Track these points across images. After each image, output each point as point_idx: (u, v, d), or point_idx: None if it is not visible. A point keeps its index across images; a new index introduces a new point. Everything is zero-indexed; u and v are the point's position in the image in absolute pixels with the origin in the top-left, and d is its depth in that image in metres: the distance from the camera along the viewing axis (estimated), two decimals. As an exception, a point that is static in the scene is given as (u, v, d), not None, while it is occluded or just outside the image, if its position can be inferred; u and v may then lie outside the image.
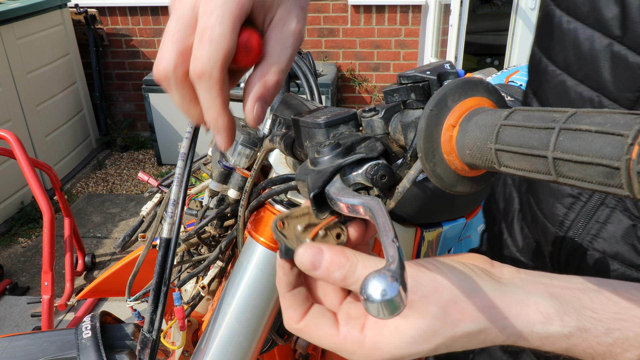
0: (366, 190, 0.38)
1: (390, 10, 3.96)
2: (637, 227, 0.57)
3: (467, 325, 0.38)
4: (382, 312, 0.26)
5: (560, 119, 0.26)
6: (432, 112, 0.33)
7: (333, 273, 0.38)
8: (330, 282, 0.39)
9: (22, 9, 3.13)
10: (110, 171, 4.00)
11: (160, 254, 0.57)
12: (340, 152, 0.38)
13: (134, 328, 0.85)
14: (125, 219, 3.29)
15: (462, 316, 0.38)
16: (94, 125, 4.14)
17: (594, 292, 0.40)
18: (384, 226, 0.30)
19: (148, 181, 0.80)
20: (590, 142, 0.24)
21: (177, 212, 0.56)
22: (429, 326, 0.38)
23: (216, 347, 0.59)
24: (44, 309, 2.10)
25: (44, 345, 0.77)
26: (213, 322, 0.60)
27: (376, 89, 4.25)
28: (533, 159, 0.28)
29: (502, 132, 0.29)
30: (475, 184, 0.36)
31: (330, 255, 0.38)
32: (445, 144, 0.33)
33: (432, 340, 0.38)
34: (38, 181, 2.11)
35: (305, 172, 0.40)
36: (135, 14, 4.05)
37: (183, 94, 0.41)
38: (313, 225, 0.40)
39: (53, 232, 2.12)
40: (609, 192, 0.24)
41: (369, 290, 0.26)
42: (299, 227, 0.40)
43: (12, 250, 2.98)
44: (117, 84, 4.33)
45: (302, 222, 0.40)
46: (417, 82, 0.37)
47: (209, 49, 0.37)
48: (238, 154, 0.66)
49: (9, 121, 3.08)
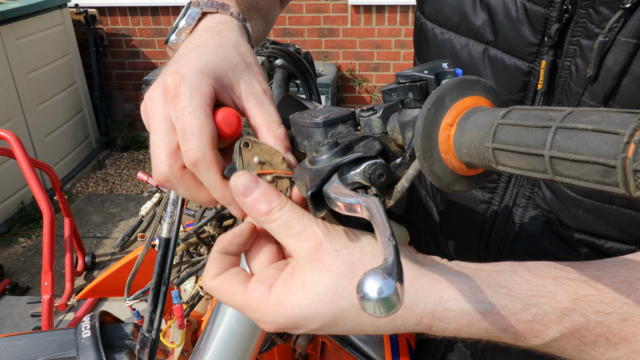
0: (364, 189, 0.38)
1: (390, 10, 3.96)
2: (551, 222, 0.59)
3: None
4: (378, 310, 0.26)
5: (557, 117, 0.27)
6: (430, 111, 0.33)
7: (260, 204, 0.38)
8: (254, 216, 0.39)
9: (22, 9, 3.13)
10: (110, 171, 4.00)
11: (160, 253, 0.57)
12: (339, 151, 0.38)
13: (134, 328, 0.85)
14: (125, 219, 3.29)
15: None
16: (94, 125, 4.14)
17: (507, 273, 0.40)
18: (381, 225, 0.30)
19: (148, 181, 0.80)
20: (587, 140, 0.24)
21: (177, 212, 0.56)
22: (334, 284, 0.37)
23: (215, 346, 0.59)
24: (44, 309, 2.10)
25: (43, 345, 0.77)
26: (212, 321, 0.60)
27: (376, 89, 4.26)
28: (530, 158, 0.28)
29: (499, 131, 0.30)
30: (473, 183, 0.36)
31: (265, 188, 0.39)
32: (443, 143, 0.33)
33: (337, 302, 0.38)
34: (38, 181, 2.11)
35: (303, 170, 0.40)
36: (135, 14, 4.05)
37: (187, 186, 0.44)
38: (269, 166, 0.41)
39: (53, 232, 2.12)
40: (606, 190, 0.25)
41: (366, 288, 0.26)
42: (256, 159, 0.41)
43: (12, 250, 2.98)
44: (117, 84, 4.33)
45: (262, 157, 0.42)
46: (415, 81, 0.37)
47: (193, 139, 0.41)
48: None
49: (9, 121, 3.08)
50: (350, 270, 0.38)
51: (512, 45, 0.55)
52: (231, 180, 0.39)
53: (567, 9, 0.50)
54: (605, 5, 0.47)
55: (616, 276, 0.39)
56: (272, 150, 0.43)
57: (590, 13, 0.49)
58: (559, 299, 0.38)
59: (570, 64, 0.52)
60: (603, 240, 0.56)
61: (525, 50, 0.54)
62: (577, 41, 0.51)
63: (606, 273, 0.40)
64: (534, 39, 0.53)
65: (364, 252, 0.39)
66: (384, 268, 0.27)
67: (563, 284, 0.39)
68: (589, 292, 0.38)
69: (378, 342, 0.78)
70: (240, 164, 0.41)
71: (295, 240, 0.38)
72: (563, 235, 0.59)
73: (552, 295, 0.38)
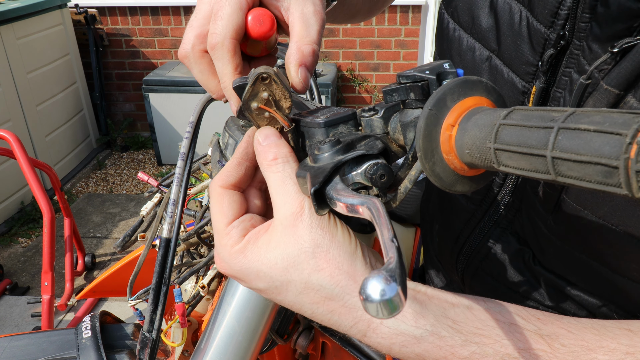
0: (366, 190, 0.38)
1: (390, 10, 3.96)
2: (524, 252, 0.57)
3: (324, 278, 0.38)
4: (380, 312, 0.26)
5: (559, 118, 0.27)
6: (431, 112, 0.33)
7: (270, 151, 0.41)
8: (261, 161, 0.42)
9: (22, 9, 3.13)
10: (110, 171, 4.00)
11: (160, 253, 0.57)
12: (341, 148, 0.38)
13: (134, 328, 0.85)
14: (125, 219, 3.29)
15: (325, 267, 0.38)
16: (94, 125, 4.14)
17: (462, 308, 0.40)
18: (383, 226, 0.30)
19: (148, 181, 0.80)
20: (589, 141, 0.24)
21: (177, 212, 0.56)
22: (293, 255, 0.38)
23: (216, 346, 0.59)
24: (44, 309, 2.10)
25: (43, 345, 0.77)
26: (213, 321, 0.60)
27: (376, 89, 4.26)
28: (532, 158, 0.28)
29: (501, 132, 0.30)
30: (475, 184, 0.36)
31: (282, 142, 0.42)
32: (445, 143, 0.33)
33: (289, 272, 0.39)
34: (38, 181, 2.11)
35: (305, 168, 0.40)
36: (135, 14, 4.05)
37: (201, 68, 0.47)
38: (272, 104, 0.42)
39: (53, 232, 2.12)
40: (608, 191, 0.25)
41: (368, 290, 0.26)
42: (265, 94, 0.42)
43: (12, 250, 2.98)
44: (117, 84, 4.33)
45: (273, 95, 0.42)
46: (416, 82, 0.37)
47: (220, 23, 0.44)
48: (238, 153, 0.66)
49: (9, 121, 3.08)
50: (312, 250, 0.38)
51: (512, 59, 0.53)
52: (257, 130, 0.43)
53: (564, 35, 0.47)
54: (597, 42, 0.44)
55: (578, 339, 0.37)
56: (285, 93, 0.42)
57: (584, 47, 0.46)
58: (504, 344, 0.37)
59: (561, 95, 0.49)
60: (571, 286, 0.54)
61: (523, 68, 0.52)
62: (569, 73, 0.48)
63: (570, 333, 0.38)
64: (532, 58, 0.51)
65: (333, 240, 0.39)
66: (387, 270, 0.27)
67: (516, 332, 0.38)
68: (540, 347, 0.37)
69: (379, 343, 0.78)
70: (248, 90, 0.41)
71: (282, 198, 0.40)
72: (532, 270, 0.57)
73: (499, 339, 0.37)
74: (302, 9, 0.46)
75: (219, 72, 0.45)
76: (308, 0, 0.47)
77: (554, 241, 0.52)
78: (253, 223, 0.43)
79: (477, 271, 0.63)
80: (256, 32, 0.45)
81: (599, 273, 0.49)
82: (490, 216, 0.60)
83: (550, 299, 0.56)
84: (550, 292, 0.56)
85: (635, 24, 0.41)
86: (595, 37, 0.44)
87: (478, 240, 0.62)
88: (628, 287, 0.48)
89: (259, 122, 0.43)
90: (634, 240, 0.44)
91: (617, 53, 0.41)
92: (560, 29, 0.47)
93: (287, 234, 0.39)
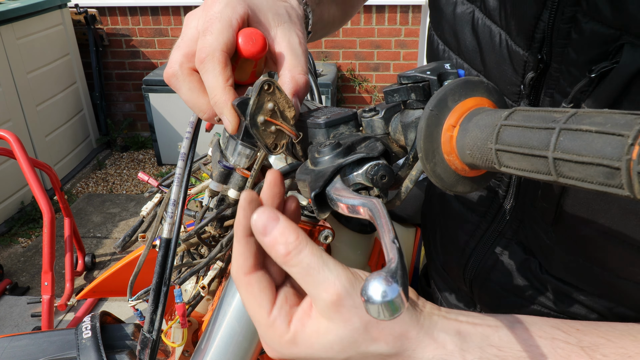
0: (366, 191, 0.37)
1: (390, 10, 3.96)
2: (530, 261, 0.58)
3: (381, 347, 0.39)
4: (382, 314, 0.26)
5: (561, 119, 0.26)
6: (433, 112, 0.33)
7: (278, 245, 0.37)
8: (271, 254, 0.38)
9: (22, 9, 3.12)
10: (110, 171, 3.99)
11: (160, 254, 0.57)
12: (341, 151, 0.38)
13: (134, 328, 0.85)
14: (125, 219, 3.29)
15: (380, 337, 0.39)
16: (94, 125, 4.14)
17: (504, 329, 0.41)
18: (384, 227, 0.30)
19: (148, 181, 0.80)
20: (591, 142, 0.24)
21: (177, 212, 0.56)
22: (347, 337, 0.38)
23: (216, 347, 0.59)
24: (44, 309, 2.10)
25: (44, 345, 0.77)
26: (213, 322, 0.60)
27: (376, 89, 4.25)
28: (533, 159, 0.28)
29: (502, 132, 0.29)
30: (476, 184, 0.36)
31: (283, 227, 0.37)
32: (446, 144, 0.33)
33: (346, 351, 0.39)
34: (38, 181, 2.11)
35: (305, 172, 0.40)
36: (135, 14, 4.05)
37: (191, 85, 0.45)
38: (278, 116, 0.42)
39: (53, 232, 2.12)
40: (610, 192, 0.24)
41: (370, 291, 0.26)
42: (270, 105, 0.41)
43: (12, 250, 2.98)
44: (117, 84, 4.33)
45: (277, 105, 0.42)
46: (418, 82, 0.37)
47: (210, 37, 0.43)
48: (238, 154, 0.65)
49: (9, 121, 3.08)
50: (364, 327, 0.38)
51: (497, 80, 0.53)
52: (253, 216, 0.38)
53: (542, 58, 0.47)
54: (574, 66, 0.45)
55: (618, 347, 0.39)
56: (289, 102, 0.42)
57: (563, 70, 0.46)
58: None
59: None
60: (578, 292, 0.54)
61: (508, 89, 0.52)
62: (551, 94, 0.49)
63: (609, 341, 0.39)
64: (515, 79, 0.51)
65: None
66: (388, 271, 0.27)
67: (558, 348, 0.39)
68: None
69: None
70: (254, 101, 0.41)
71: (314, 288, 0.37)
72: (540, 278, 0.57)
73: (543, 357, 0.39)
74: (289, 38, 0.47)
75: (209, 86, 0.43)
76: (293, 32, 0.47)
77: (557, 251, 0.53)
78: (290, 304, 0.41)
79: (484, 282, 0.63)
80: (248, 50, 0.43)
81: (606, 279, 0.50)
82: (495, 227, 0.60)
83: (560, 305, 0.57)
84: (560, 299, 0.56)
85: (610, 48, 0.41)
86: (572, 62, 0.45)
87: (484, 252, 0.62)
88: (636, 290, 0.48)
89: (265, 139, 0.42)
90: (634, 248, 0.45)
91: (595, 78, 0.42)
92: (537, 51, 0.48)
93: (334, 319, 0.38)
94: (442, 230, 0.72)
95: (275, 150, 0.43)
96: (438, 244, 0.73)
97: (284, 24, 0.47)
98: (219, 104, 0.43)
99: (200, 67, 0.43)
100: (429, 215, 0.78)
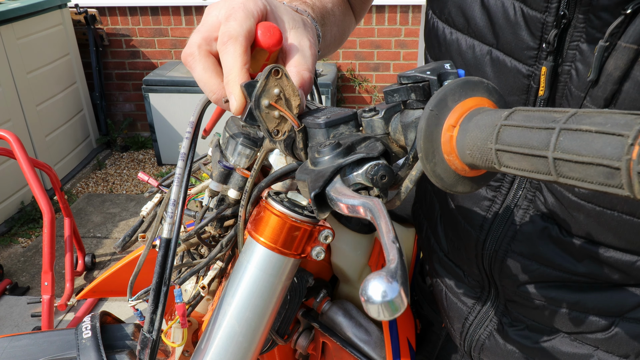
0: (366, 190, 0.37)
1: (390, 10, 3.96)
2: (550, 227, 0.60)
3: None
4: (382, 313, 0.26)
5: (561, 119, 0.26)
6: (433, 112, 0.33)
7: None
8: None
9: (22, 9, 3.12)
10: (110, 171, 3.99)
11: (161, 254, 0.57)
12: (341, 152, 0.38)
13: (134, 328, 0.85)
14: (125, 219, 3.29)
15: None
16: (94, 125, 4.14)
17: None
18: (384, 227, 0.30)
19: (148, 181, 0.80)
20: (591, 142, 0.24)
21: (177, 212, 0.56)
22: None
23: (216, 347, 0.59)
24: (44, 309, 2.10)
25: (44, 345, 0.77)
26: (213, 322, 0.60)
27: (376, 89, 4.25)
28: (533, 159, 0.28)
29: (502, 133, 0.29)
30: (476, 184, 0.36)
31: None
32: (446, 144, 0.33)
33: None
34: (38, 181, 2.11)
35: (305, 172, 0.40)
36: (135, 14, 4.05)
37: (206, 66, 0.49)
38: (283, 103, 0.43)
39: (53, 232, 2.12)
40: (610, 192, 0.24)
41: (369, 291, 0.26)
42: (276, 91, 0.43)
43: (12, 250, 2.98)
44: (117, 84, 4.33)
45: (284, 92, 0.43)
46: (418, 82, 0.37)
47: (234, 23, 0.46)
48: (238, 154, 0.65)
49: (9, 121, 3.08)
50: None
51: (512, 48, 0.56)
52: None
53: (564, 15, 0.51)
54: (605, 10, 0.48)
55: None
56: (295, 91, 0.44)
57: (591, 18, 0.49)
58: None
59: (570, 68, 0.53)
60: (603, 249, 0.56)
61: (525, 54, 0.55)
62: (576, 46, 0.52)
63: None
64: (532, 43, 0.54)
65: None
66: (388, 271, 0.27)
67: None
68: None
69: (379, 343, 0.78)
70: (261, 84, 0.42)
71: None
72: (562, 241, 0.59)
73: None
74: (300, 40, 0.51)
75: (227, 66, 0.47)
76: (304, 36, 0.52)
77: (583, 205, 0.55)
78: None
79: (505, 255, 0.65)
80: (266, 41, 0.47)
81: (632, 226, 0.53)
82: (511, 198, 0.62)
83: (583, 267, 0.59)
84: (582, 261, 0.59)
85: None
86: (604, 7, 0.48)
87: (502, 224, 0.64)
88: None
89: (268, 123, 0.43)
90: None
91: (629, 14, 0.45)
92: (555, 11, 0.51)
93: None
94: (446, 218, 0.73)
95: (277, 136, 0.43)
96: (441, 235, 0.75)
97: (297, 29, 0.51)
98: (231, 83, 0.46)
99: (221, 49, 0.47)
100: (424, 211, 0.80)
